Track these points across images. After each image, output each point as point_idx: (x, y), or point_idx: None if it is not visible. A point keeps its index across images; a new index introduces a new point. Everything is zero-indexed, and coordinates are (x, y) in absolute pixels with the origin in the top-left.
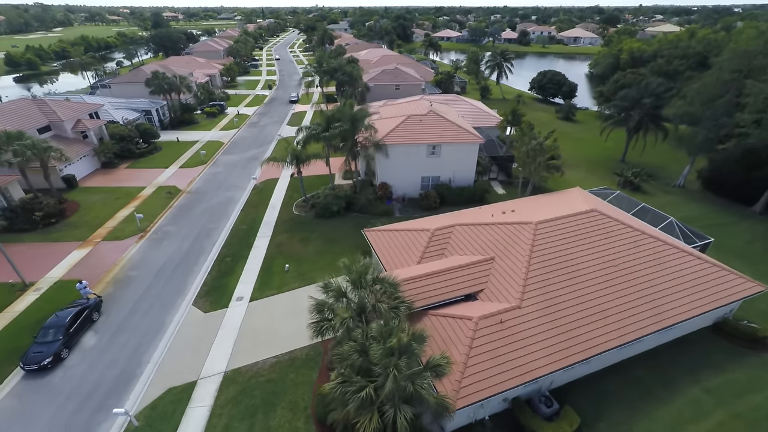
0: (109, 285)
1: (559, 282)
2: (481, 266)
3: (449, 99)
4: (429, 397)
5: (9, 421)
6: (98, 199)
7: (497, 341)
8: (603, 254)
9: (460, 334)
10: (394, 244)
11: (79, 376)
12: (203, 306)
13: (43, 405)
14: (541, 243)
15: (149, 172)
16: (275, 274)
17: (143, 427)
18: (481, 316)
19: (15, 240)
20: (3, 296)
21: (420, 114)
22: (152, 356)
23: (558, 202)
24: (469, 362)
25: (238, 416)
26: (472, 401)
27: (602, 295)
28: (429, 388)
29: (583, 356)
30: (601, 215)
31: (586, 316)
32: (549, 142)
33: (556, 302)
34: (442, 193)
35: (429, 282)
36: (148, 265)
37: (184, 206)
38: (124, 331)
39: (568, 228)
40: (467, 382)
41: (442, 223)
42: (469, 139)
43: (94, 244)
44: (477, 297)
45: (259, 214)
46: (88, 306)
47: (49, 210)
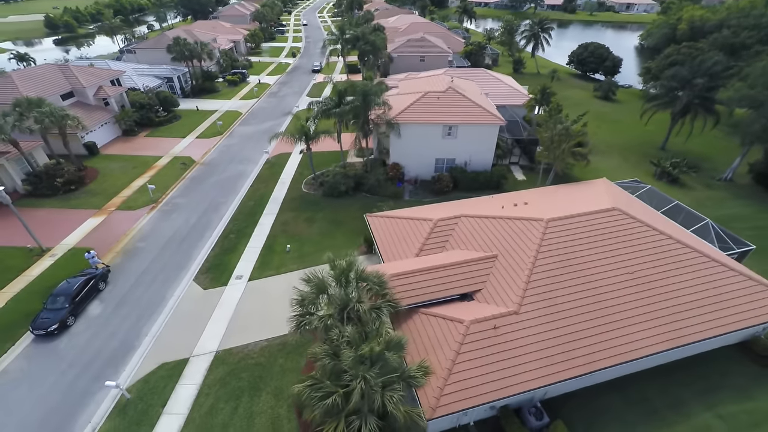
0: (119, 255)
1: (565, 287)
2: (482, 264)
3: (475, 73)
4: (397, 412)
5: (17, 381)
6: (117, 167)
7: (488, 348)
8: (619, 259)
9: (449, 337)
10: (395, 233)
11: (82, 345)
12: (203, 282)
13: (47, 369)
14: (550, 243)
15: (167, 142)
16: (276, 254)
17: (134, 399)
18: (473, 320)
19: (37, 205)
20: (21, 260)
21: (438, 91)
22: (150, 330)
23: (579, 195)
24: (454, 368)
25: (224, 397)
26: (452, 410)
27: (612, 305)
28: (399, 401)
29: (581, 371)
30: (622, 215)
31: (592, 327)
32: (577, 126)
33: (559, 309)
34: (456, 177)
35: (422, 278)
36: (156, 237)
37: (197, 178)
38: (127, 302)
39: (583, 227)
40: (450, 389)
41: (447, 213)
42: (489, 121)
43: (109, 212)
44: (473, 297)
45: (268, 189)
46: (95, 276)
47: (70, 177)
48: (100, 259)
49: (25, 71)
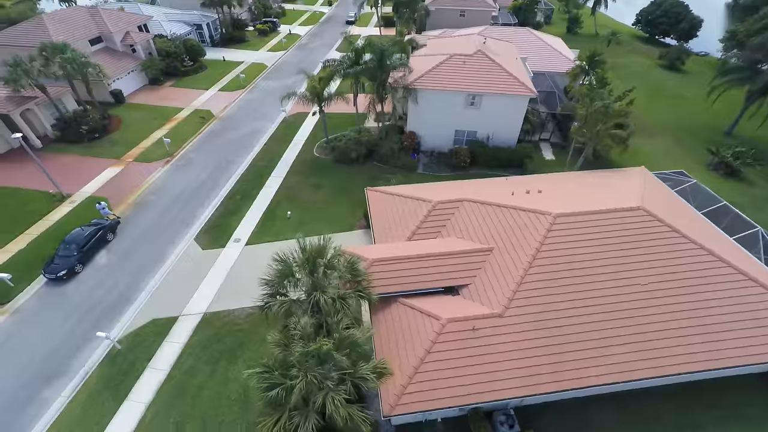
0: (130, 207)
1: (563, 294)
2: (474, 257)
3: (518, 33)
4: (336, 415)
5: (29, 320)
6: (139, 117)
7: (463, 350)
8: (632, 267)
9: (423, 333)
10: (392, 211)
11: (86, 292)
12: (203, 242)
13: (55, 311)
14: (554, 241)
15: (190, 93)
16: (277, 220)
17: (124, 351)
18: (450, 318)
19: (63, 150)
20: (43, 204)
21: (465, 54)
22: (147, 285)
23: (605, 185)
24: (422, 367)
25: (204, 359)
26: (412, 410)
27: (615, 318)
28: (341, 403)
29: (565, 386)
30: (647, 216)
31: (587, 340)
32: (621, 104)
33: (552, 317)
34: (475, 151)
35: (406, 266)
36: (166, 191)
37: (213, 133)
38: (131, 255)
39: (596, 227)
40: (414, 388)
41: (451, 195)
42: (518, 91)
43: (126, 163)
44: (459, 291)
45: (280, 150)
46: (104, 227)
47: (94, 125)
48: (112, 210)
49: (58, 14)
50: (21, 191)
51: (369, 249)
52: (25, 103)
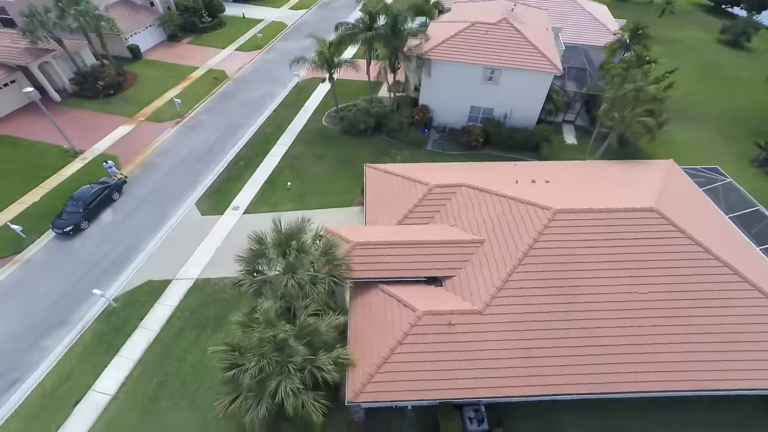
0: (138, 167)
1: (551, 296)
2: (463, 248)
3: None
4: (287, 404)
5: (37, 272)
6: (155, 74)
7: (436, 344)
8: (633, 274)
9: (398, 322)
10: (388, 191)
11: (90, 249)
12: (203, 207)
13: (60, 265)
14: (550, 239)
15: (206, 52)
16: (277, 190)
17: (119, 309)
18: (426, 311)
19: (80, 105)
20: (57, 159)
21: (488, 23)
22: (147, 246)
23: (624, 179)
24: (392, 357)
25: (192, 324)
26: (377, 399)
27: (605, 327)
28: (294, 391)
29: (541, 391)
30: (660, 220)
31: (572, 347)
32: (657, 87)
33: (535, 319)
34: (489, 131)
35: (390, 252)
36: (173, 153)
37: (225, 95)
38: (134, 215)
39: (601, 228)
40: (381, 378)
41: (451, 178)
42: (542, 67)
43: (138, 122)
44: (443, 283)
45: (288, 117)
46: (110, 186)
47: (110, 81)
48: (120, 170)
49: None
50: (38, 145)
51: (355, 231)
52: (42, 56)
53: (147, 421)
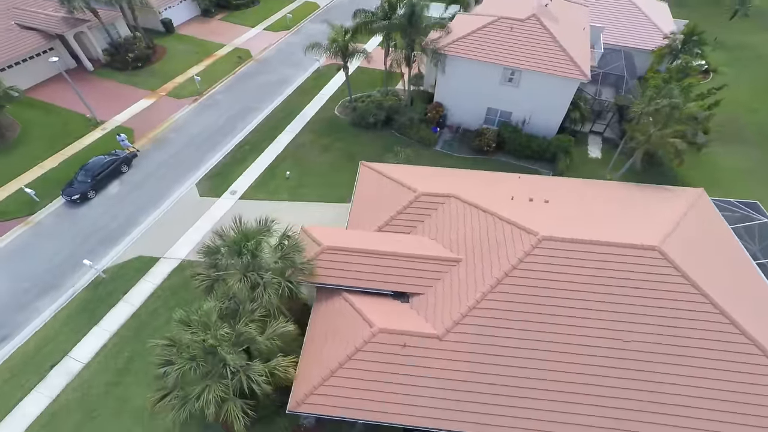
0: (150, 142)
1: (521, 330)
2: (438, 265)
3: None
4: (208, 414)
5: (43, 235)
6: (183, 49)
7: (388, 364)
8: (620, 319)
9: (353, 335)
10: (376, 193)
11: (93, 218)
12: (202, 188)
13: (65, 230)
14: (530, 268)
15: (236, 29)
16: (276, 178)
17: (107, 280)
18: (383, 328)
19: (109, 76)
20: (79, 127)
21: (516, 18)
22: (145, 221)
23: (639, 206)
24: (339, 371)
25: (170, 305)
26: (318, 412)
27: (572, 372)
28: (215, 399)
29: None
30: (663, 261)
31: (531, 387)
32: (699, 105)
33: (497, 353)
34: (504, 136)
35: (360, 261)
36: (185, 130)
37: (245, 75)
38: (138, 190)
39: (591, 262)
40: (325, 391)
41: (444, 186)
42: (567, 72)
43: (159, 97)
44: (409, 299)
45: (302, 103)
46: (118, 159)
47: (139, 53)
48: (132, 143)
49: None
50: (65, 112)
51: (330, 233)
52: (78, 26)
53: (110, 394)
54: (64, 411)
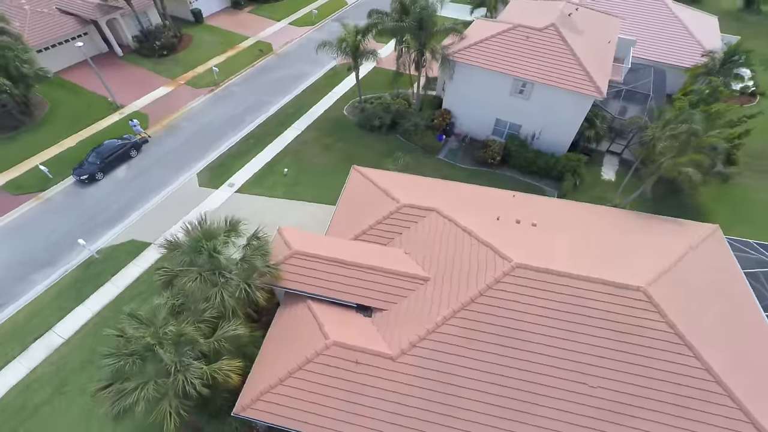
0: (162, 128)
1: (480, 361)
2: (405, 282)
3: (642, 4)
4: (136, 412)
5: (51, 211)
6: (209, 40)
7: (337, 379)
8: (589, 362)
9: (308, 345)
10: (361, 198)
11: (98, 199)
12: (202, 179)
13: (72, 208)
14: (500, 296)
15: (262, 22)
16: (274, 174)
17: (99, 261)
18: (337, 342)
19: (136, 62)
20: (101, 110)
21: (534, 27)
22: (143, 207)
23: (639, 239)
24: (288, 381)
25: (150, 291)
26: (261, 418)
27: (529, 414)
28: (147, 399)
29: None
30: (647, 304)
31: (483, 423)
32: (720, 134)
33: (451, 382)
34: (511, 150)
35: (327, 269)
36: (197, 120)
37: (263, 69)
38: (143, 175)
39: (567, 297)
40: (271, 398)
41: (429, 199)
42: (581, 88)
43: (178, 85)
44: (372, 314)
45: (313, 100)
46: (128, 144)
47: (166, 42)
48: (144, 129)
49: None
50: (91, 94)
51: (304, 238)
52: (111, 12)
53: (83, 371)
54: (38, 383)
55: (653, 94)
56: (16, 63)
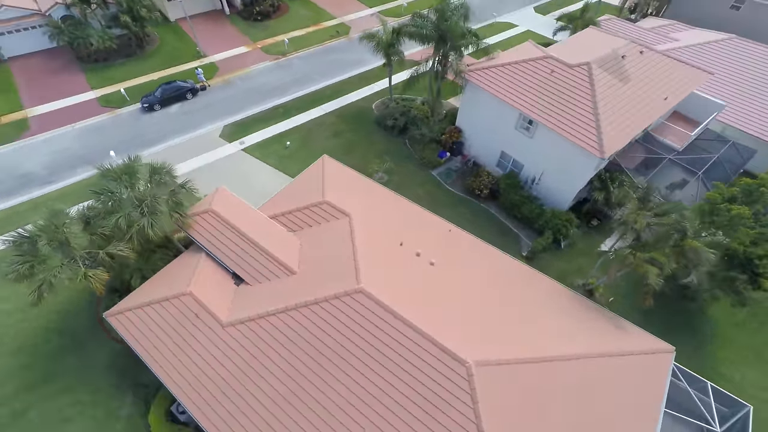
0: (221, 81)
1: (286, 364)
2: (276, 268)
3: (742, 58)
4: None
5: (115, 124)
6: (302, 14)
7: (179, 324)
8: (377, 408)
9: (177, 286)
10: (306, 184)
11: (147, 124)
12: (226, 132)
13: (128, 125)
14: (331, 312)
15: (355, 6)
16: (280, 143)
17: None
18: (192, 293)
19: (234, 22)
20: (189, 55)
21: (568, 63)
22: (171, 141)
23: (548, 324)
24: (147, 309)
25: None
26: (118, 329)
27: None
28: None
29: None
30: (464, 384)
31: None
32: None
33: (252, 366)
34: (501, 187)
35: (227, 234)
36: (251, 81)
37: (329, 49)
38: (188, 114)
39: (387, 339)
40: (131, 316)
41: (358, 206)
42: (583, 142)
43: (254, 48)
44: (240, 284)
45: (353, 88)
46: (185, 88)
47: (263, 9)
48: (206, 79)
49: None
50: (189, 42)
51: (232, 202)
52: None
53: None
54: None
55: (705, 174)
56: (137, 6)
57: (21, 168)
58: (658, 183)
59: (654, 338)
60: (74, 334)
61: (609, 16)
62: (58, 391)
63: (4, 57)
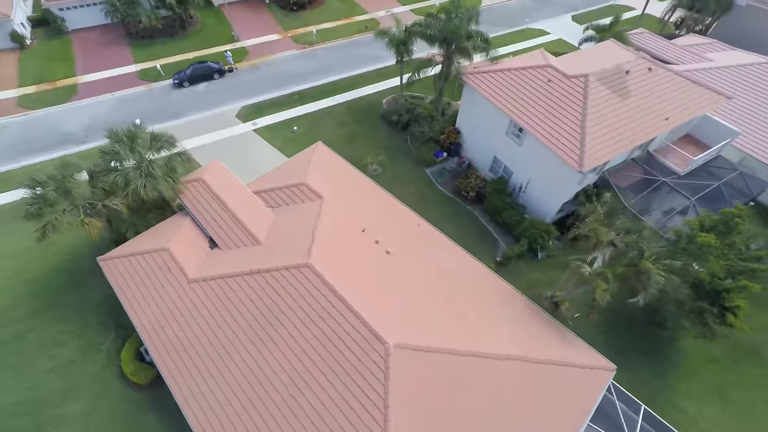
0: (248, 65)
1: (235, 324)
2: (246, 237)
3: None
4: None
5: (148, 96)
6: (337, 7)
7: (154, 275)
8: (296, 371)
9: (160, 241)
10: (295, 166)
11: (174, 99)
12: (241, 112)
13: (157, 99)
14: (276, 280)
15: (389, 3)
16: (287, 128)
17: None
18: (171, 250)
19: (271, 10)
20: (224, 38)
21: (566, 73)
22: (191, 117)
23: (492, 320)
24: (131, 259)
25: None
26: (109, 275)
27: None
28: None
29: (168, 378)
30: (382, 363)
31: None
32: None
33: (207, 321)
34: (487, 190)
35: (211, 203)
36: (275, 67)
37: (355, 43)
38: (212, 93)
39: (324, 315)
40: (119, 264)
41: (335, 191)
42: (564, 154)
43: (284, 36)
44: (214, 248)
45: (368, 82)
46: (213, 69)
47: (299, 0)
48: (234, 62)
49: None
50: (227, 25)
51: (223, 175)
52: None
53: None
54: None
55: (701, 201)
56: None
57: (63, 127)
58: (656, 206)
59: (598, 355)
60: (78, 274)
61: (642, 30)
62: (55, 320)
63: (68, 29)
